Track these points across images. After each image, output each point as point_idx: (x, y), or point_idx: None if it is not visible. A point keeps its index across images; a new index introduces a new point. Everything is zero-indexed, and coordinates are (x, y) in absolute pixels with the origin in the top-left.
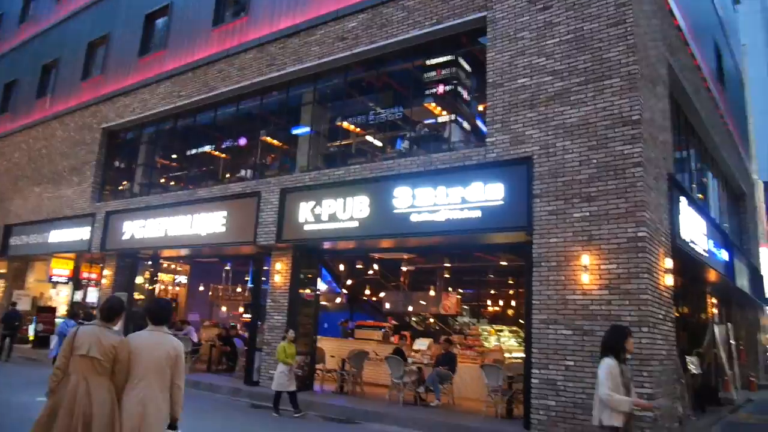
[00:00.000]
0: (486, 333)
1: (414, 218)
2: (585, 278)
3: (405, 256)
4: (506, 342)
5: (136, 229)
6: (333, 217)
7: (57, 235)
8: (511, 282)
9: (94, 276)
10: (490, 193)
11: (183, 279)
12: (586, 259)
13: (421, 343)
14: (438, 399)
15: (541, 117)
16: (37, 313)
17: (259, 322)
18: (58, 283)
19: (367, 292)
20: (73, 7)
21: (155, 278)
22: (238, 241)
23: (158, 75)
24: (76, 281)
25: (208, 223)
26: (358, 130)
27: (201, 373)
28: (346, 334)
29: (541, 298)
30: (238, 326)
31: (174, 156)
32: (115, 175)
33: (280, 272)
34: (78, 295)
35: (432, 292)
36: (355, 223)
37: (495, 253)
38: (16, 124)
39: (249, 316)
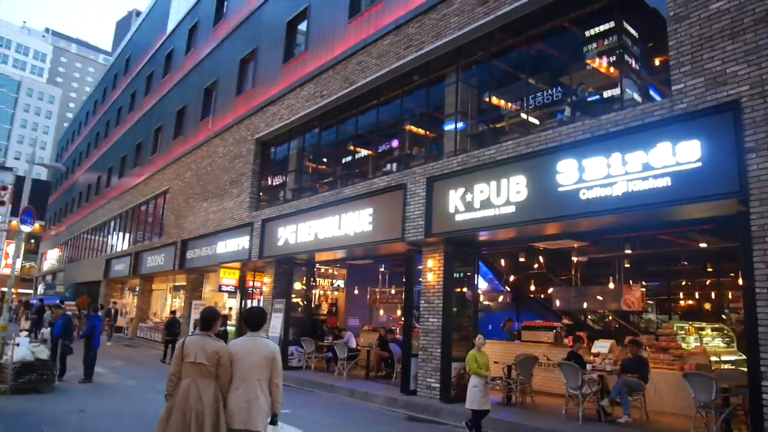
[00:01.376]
0: (683, 332)
1: (583, 195)
2: None
3: (575, 245)
4: (710, 343)
5: (289, 234)
6: (486, 203)
7: (222, 246)
8: (709, 270)
9: (258, 284)
10: (682, 154)
11: (341, 283)
12: None
13: (601, 346)
14: (627, 414)
15: (750, 47)
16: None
17: (416, 325)
18: (226, 292)
19: (533, 288)
20: (226, 29)
21: (312, 283)
22: (386, 239)
23: (301, 78)
24: (243, 290)
25: (355, 222)
26: (509, 105)
27: (358, 380)
28: (511, 337)
29: None
30: (397, 330)
31: (321, 158)
32: (269, 184)
33: (432, 270)
34: (247, 303)
35: (611, 286)
36: (512, 208)
37: (689, 234)
38: (187, 146)
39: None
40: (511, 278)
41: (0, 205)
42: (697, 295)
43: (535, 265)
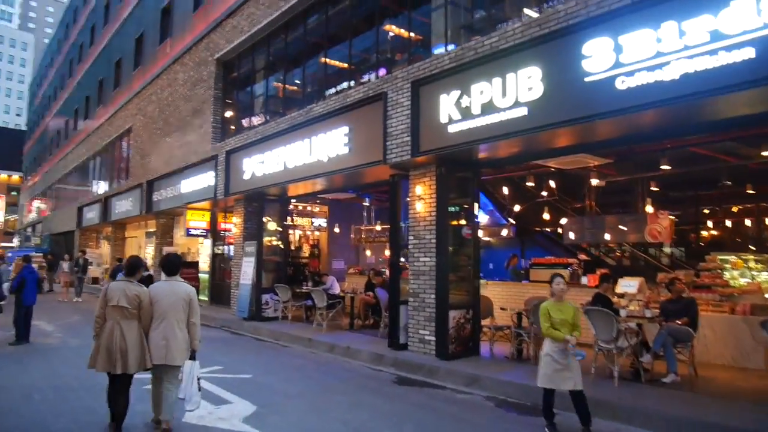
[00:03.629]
0: (729, 266)
1: (621, 84)
2: None
3: (593, 163)
4: (757, 278)
5: (255, 166)
6: (488, 107)
7: (187, 185)
8: (751, 192)
9: (230, 227)
10: None
11: (322, 222)
12: None
13: (628, 285)
14: (674, 372)
15: None
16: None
17: (406, 266)
18: (195, 236)
19: (542, 219)
20: None
21: (289, 223)
22: (365, 163)
23: None
24: (215, 233)
25: (329, 146)
26: None
27: (340, 332)
28: (517, 277)
29: None
30: (386, 272)
31: (288, 77)
32: (234, 110)
33: (422, 198)
34: (219, 249)
35: (635, 213)
36: (522, 110)
37: (734, 145)
38: (147, 76)
39: (402, 260)
40: (516, 209)
41: None
42: (729, 224)
43: (544, 193)
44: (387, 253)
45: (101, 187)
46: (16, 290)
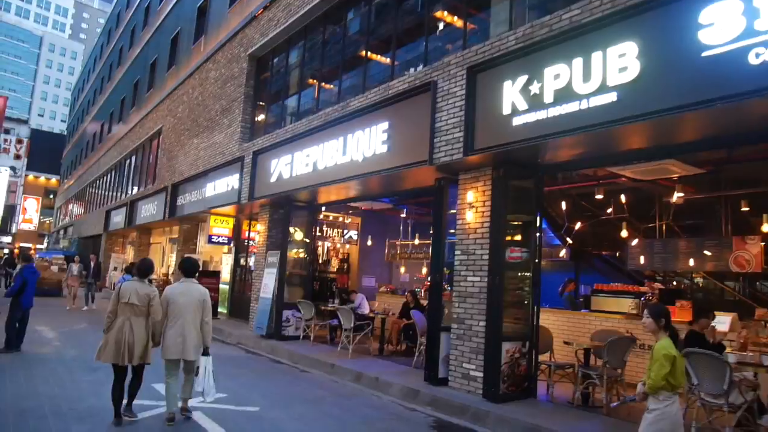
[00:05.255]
0: None
1: (755, 59)
2: None
3: (679, 173)
4: None
5: (283, 167)
6: (565, 94)
7: (211, 189)
8: None
9: (254, 235)
10: None
11: (353, 234)
12: None
13: (719, 321)
14: None
15: None
16: (199, 278)
17: (448, 287)
18: (218, 243)
19: (604, 240)
20: None
21: (317, 233)
22: (407, 164)
23: None
24: (237, 241)
25: (366, 144)
26: None
27: (368, 358)
28: (573, 305)
29: None
30: (421, 292)
31: (324, 72)
32: (264, 108)
33: (473, 207)
34: (244, 260)
35: (718, 238)
36: (611, 96)
37: None
38: (179, 76)
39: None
40: (576, 226)
41: (16, 158)
42: None
43: (608, 209)
44: (424, 270)
45: (129, 191)
46: (17, 292)
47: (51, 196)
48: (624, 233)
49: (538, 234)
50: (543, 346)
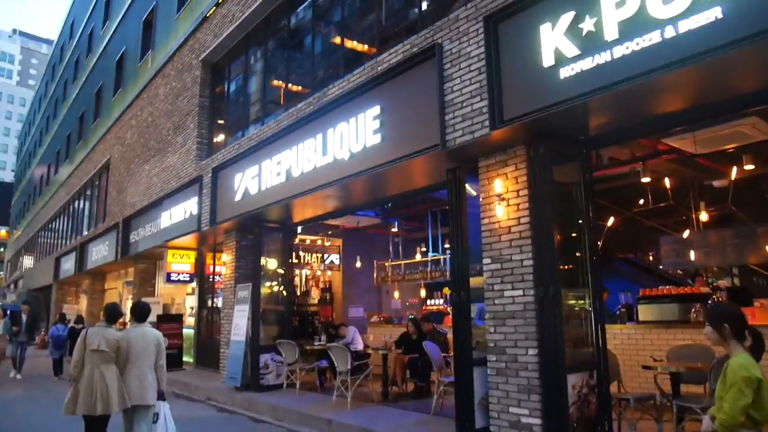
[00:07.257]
0: None
1: None
2: None
3: (756, 138)
4: None
5: (249, 181)
6: (637, 23)
7: (167, 218)
8: None
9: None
10: None
11: (335, 258)
12: None
13: None
14: None
15: None
16: (157, 324)
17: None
18: (178, 282)
19: (632, 239)
20: None
21: (289, 260)
22: (410, 153)
23: None
24: (201, 277)
25: (352, 136)
26: None
27: (371, 406)
28: (611, 317)
29: None
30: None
31: (291, 70)
32: (222, 119)
33: (503, 199)
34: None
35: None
36: (714, 12)
37: None
38: (126, 101)
39: (441, 302)
40: (609, 222)
41: None
42: None
43: (641, 200)
44: (423, 293)
45: (79, 234)
46: None
47: (1, 249)
48: (646, 230)
49: (591, 225)
50: (612, 372)
